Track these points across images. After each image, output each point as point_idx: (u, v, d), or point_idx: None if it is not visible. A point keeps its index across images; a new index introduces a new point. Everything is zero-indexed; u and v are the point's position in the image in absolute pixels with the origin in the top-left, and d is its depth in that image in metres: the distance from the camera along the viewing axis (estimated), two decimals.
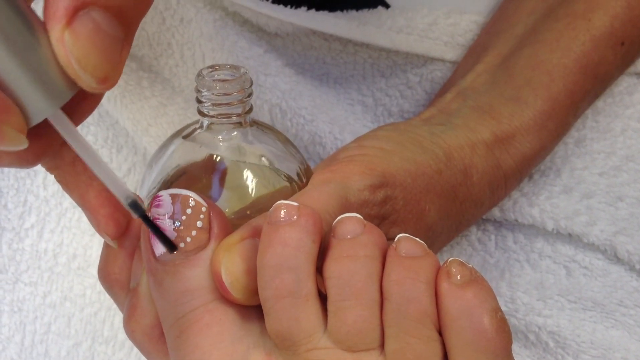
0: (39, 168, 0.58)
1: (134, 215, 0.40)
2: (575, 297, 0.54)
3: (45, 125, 0.36)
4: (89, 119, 0.60)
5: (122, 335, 0.57)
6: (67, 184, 0.43)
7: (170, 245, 0.41)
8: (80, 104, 0.39)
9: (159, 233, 0.41)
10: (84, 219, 0.59)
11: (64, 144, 0.40)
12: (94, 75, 0.34)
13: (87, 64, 0.34)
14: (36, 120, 0.35)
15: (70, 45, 0.34)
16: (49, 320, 0.58)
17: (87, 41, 0.34)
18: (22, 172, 0.59)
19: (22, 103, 0.34)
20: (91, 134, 0.60)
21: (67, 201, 0.59)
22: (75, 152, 0.38)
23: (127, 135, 0.59)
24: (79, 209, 0.58)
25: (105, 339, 0.57)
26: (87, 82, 0.34)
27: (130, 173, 0.60)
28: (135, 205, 0.40)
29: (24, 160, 0.39)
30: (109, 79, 0.35)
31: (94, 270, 0.58)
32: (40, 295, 0.58)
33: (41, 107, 0.35)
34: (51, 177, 0.58)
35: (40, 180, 0.59)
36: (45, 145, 0.39)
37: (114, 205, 0.42)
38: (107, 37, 0.34)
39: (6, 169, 0.58)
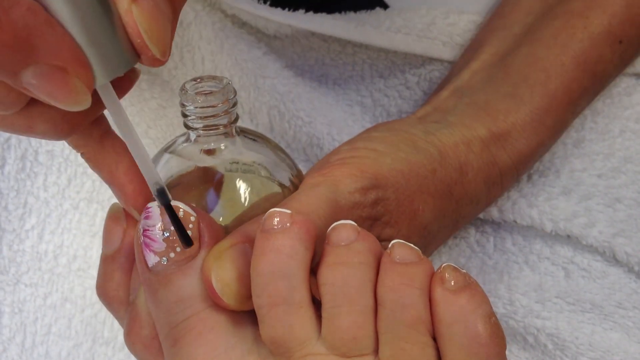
0: (39, 169, 0.58)
1: (159, 203, 0.41)
2: (573, 299, 0.54)
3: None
4: None
5: (122, 336, 0.57)
6: (96, 161, 0.43)
7: (187, 241, 0.42)
8: (120, 82, 0.40)
9: (179, 226, 0.42)
10: (85, 220, 0.59)
11: (93, 122, 0.41)
12: (158, 47, 0.36)
13: (152, 35, 0.36)
14: (98, 83, 0.36)
15: (138, 16, 0.36)
16: (49, 321, 0.58)
17: (150, 15, 0.36)
18: (23, 174, 0.59)
19: (90, 64, 0.36)
20: None
21: (67, 203, 0.59)
22: (107, 128, 0.41)
23: None
24: (79, 210, 0.59)
25: (105, 340, 0.58)
26: (153, 52, 0.36)
27: None
28: (163, 193, 0.41)
29: (59, 130, 0.39)
30: (166, 54, 0.37)
31: (94, 272, 0.58)
32: (40, 296, 0.58)
33: (104, 72, 0.36)
34: (52, 179, 0.58)
35: (40, 182, 0.59)
36: (83, 115, 0.40)
37: (141, 180, 0.43)
38: (163, 15, 0.36)
39: (6, 171, 0.58)
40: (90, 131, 0.42)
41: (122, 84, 0.41)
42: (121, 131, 0.39)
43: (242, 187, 0.47)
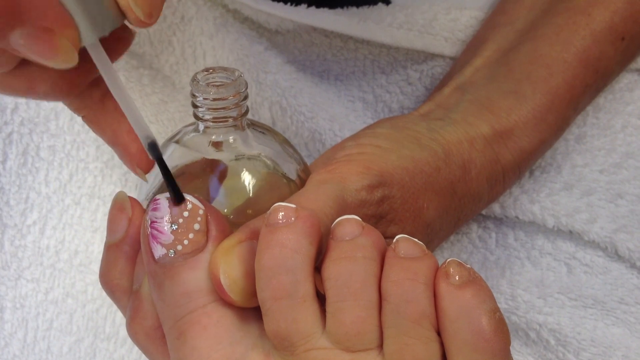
0: (41, 165, 0.58)
1: (150, 156, 0.42)
2: (575, 295, 0.54)
3: (82, 57, 0.38)
4: None
5: (123, 332, 0.57)
6: (98, 122, 0.44)
7: (179, 197, 0.42)
8: (114, 44, 0.41)
9: (170, 180, 0.42)
10: (86, 215, 0.59)
11: (91, 84, 0.43)
12: (143, 9, 0.38)
13: None
14: (85, 42, 0.38)
15: None
16: (51, 316, 0.58)
17: None
18: (24, 169, 0.59)
19: (76, 24, 0.37)
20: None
21: (69, 198, 0.59)
22: (106, 89, 0.41)
23: None
24: (81, 205, 0.59)
25: (107, 335, 0.58)
26: (137, 14, 0.38)
27: None
28: (154, 147, 0.42)
29: (58, 90, 0.41)
30: (153, 17, 0.38)
31: (95, 267, 0.58)
32: (42, 291, 0.58)
33: (91, 31, 0.38)
34: (53, 174, 0.58)
35: (42, 177, 0.59)
36: (81, 75, 0.41)
37: None
38: None
39: (8, 166, 0.58)
40: (90, 93, 0.44)
41: (117, 46, 0.42)
42: (111, 88, 0.40)
43: (247, 178, 0.47)
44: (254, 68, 0.60)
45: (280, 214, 0.40)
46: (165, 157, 0.47)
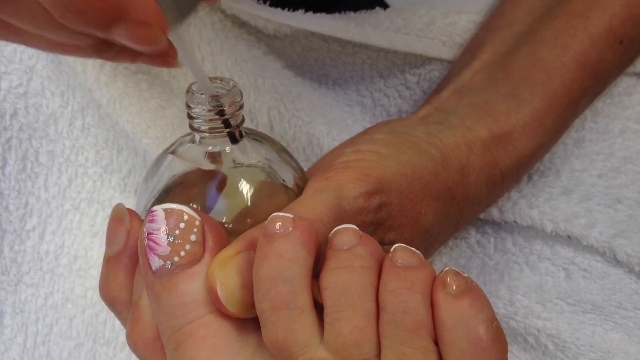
0: (40, 170, 0.58)
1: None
2: (574, 300, 0.54)
3: None
4: (90, 121, 0.60)
5: (123, 337, 0.58)
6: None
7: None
8: None
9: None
10: (85, 220, 0.59)
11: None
12: None
13: None
14: (170, 30, 0.42)
15: None
16: (50, 321, 0.58)
17: None
18: (23, 175, 0.59)
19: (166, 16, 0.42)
20: (92, 136, 0.60)
21: (68, 203, 0.59)
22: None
23: (128, 137, 0.60)
24: (80, 210, 0.59)
25: (106, 340, 0.58)
26: None
27: (131, 174, 0.60)
28: (217, 98, 0.45)
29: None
30: None
31: (94, 272, 0.58)
32: (42, 296, 0.58)
33: (176, 19, 0.42)
34: (52, 180, 0.58)
35: (41, 183, 0.59)
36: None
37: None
38: None
39: (7, 171, 0.59)
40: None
41: None
42: (189, 65, 0.45)
43: (246, 187, 0.47)
44: (252, 73, 0.60)
45: (278, 224, 0.40)
46: (162, 169, 0.47)
